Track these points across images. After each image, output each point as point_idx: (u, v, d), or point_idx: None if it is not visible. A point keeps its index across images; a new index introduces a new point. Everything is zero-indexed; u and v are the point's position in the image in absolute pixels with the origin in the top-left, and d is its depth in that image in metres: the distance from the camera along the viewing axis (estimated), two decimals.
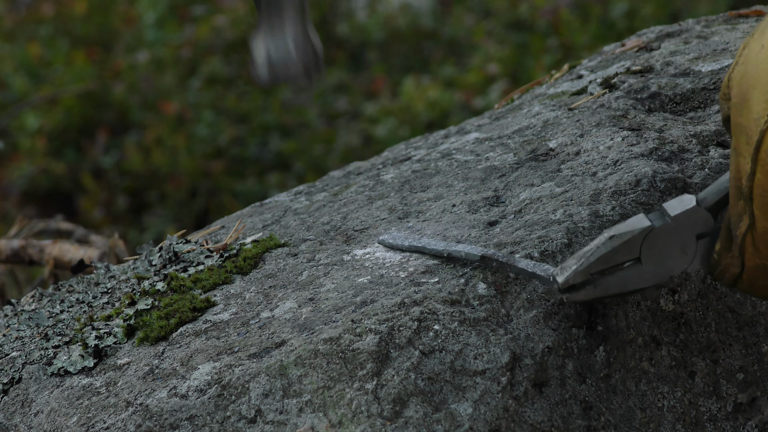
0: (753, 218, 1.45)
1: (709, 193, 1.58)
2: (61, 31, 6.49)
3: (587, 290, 1.58)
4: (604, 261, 1.57)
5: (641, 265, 1.58)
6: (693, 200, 1.58)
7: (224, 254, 1.90)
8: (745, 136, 1.41)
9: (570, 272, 1.58)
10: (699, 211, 1.58)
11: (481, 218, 1.83)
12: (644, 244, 1.57)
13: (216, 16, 6.34)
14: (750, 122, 1.40)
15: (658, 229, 1.57)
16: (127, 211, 5.47)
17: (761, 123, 1.39)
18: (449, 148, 2.14)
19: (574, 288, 1.59)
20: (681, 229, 1.58)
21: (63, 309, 1.91)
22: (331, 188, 2.14)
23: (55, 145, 5.75)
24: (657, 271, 1.58)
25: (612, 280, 1.58)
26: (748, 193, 1.44)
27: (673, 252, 1.58)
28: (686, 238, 1.58)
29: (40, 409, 1.71)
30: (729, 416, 1.71)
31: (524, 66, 5.55)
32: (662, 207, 1.59)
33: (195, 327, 1.75)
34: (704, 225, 1.58)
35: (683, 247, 1.59)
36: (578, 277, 1.58)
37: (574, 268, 1.58)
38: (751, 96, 1.41)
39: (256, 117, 5.65)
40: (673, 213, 1.57)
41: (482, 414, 1.56)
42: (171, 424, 1.59)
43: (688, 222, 1.57)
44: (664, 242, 1.57)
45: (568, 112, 2.12)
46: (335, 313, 1.67)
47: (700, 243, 1.59)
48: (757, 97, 1.39)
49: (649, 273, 1.58)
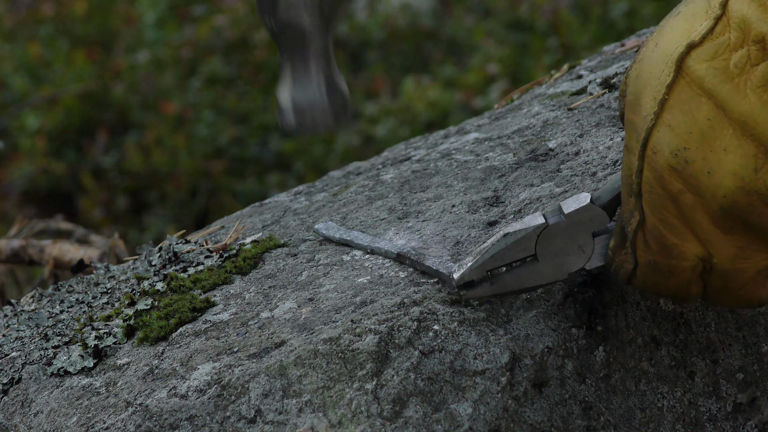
0: (642, 214, 1.46)
1: (603, 192, 1.59)
2: (61, 31, 6.49)
3: (484, 287, 1.60)
4: (499, 258, 1.58)
5: (537, 262, 1.59)
6: (588, 198, 1.59)
7: (224, 254, 1.90)
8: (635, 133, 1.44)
9: (465, 269, 1.60)
10: (593, 209, 1.58)
11: (480, 218, 1.83)
12: (539, 241, 1.58)
13: (216, 16, 6.34)
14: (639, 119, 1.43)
15: (552, 226, 1.58)
16: (127, 211, 5.47)
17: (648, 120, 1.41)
18: (449, 148, 2.14)
19: (472, 285, 1.60)
20: (576, 227, 1.58)
21: (63, 309, 1.91)
22: (331, 188, 2.14)
23: (55, 145, 5.75)
24: (554, 268, 1.59)
25: (509, 277, 1.59)
26: (637, 189, 1.46)
27: (569, 249, 1.58)
28: (582, 235, 1.59)
29: (39, 409, 1.71)
30: (729, 416, 1.71)
31: (524, 66, 5.55)
32: (559, 205, 1.60)
33: (195, 327, 1.75)
34: (599, 222, 1.59)
35: (580, 245, 1.59)
36: (473, 273, 1.60)
37: (469, 266, 1.60)
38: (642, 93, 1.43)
39: (256, 117, 5.65)
40: (567, 210, 1.58)
41: (482, 414, 1.56)
42: (171, 424, 1.59)
43: (583, 220, 1.58)
44: (560, 240, 1.58)
45: (567, 112, 2.12)
46: (335, 314, 1.67)
47: (596, 240, 1.60)
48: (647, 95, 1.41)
49: (547, 270, 1.59)
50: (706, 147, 1.36)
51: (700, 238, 1.42)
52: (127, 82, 5.94)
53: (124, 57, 6.17)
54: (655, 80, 1.41)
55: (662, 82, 1.40)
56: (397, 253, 1.71)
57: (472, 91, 5.55)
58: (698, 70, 1.36)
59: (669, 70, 1.39)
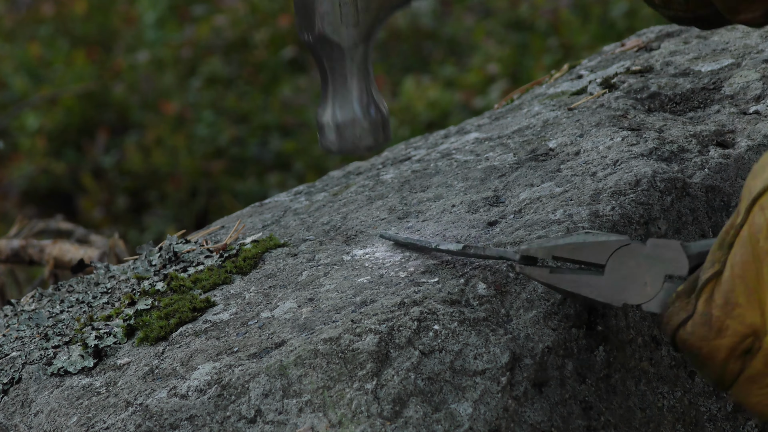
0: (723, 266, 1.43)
1: (695, 244, 1.53)
2: (61, 31, 6.49)
3: (542, 271, 1.55)
4: (570, 250, 1.54)
5: (602, 275, 1.53)
6: (678, 243, 1.53)
7: (224, 254, 1.90)
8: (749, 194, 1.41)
9: (534, 244, 1.57)
10: (678, 251, 1.53)
11: (480, 218, 1.83)
12: (613, 255, 1.52)
13: (216, 16, 6.34)
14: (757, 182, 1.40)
15: (632, 246, 1.52)
16: (127, 211, 5.47)
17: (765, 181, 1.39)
18: (449, 148, 2.14)
19: (533, 262, 1.57)
20: (653, 260, 1.52)
21: (63, 309, 1.91)
22: (331, 188, 2.14)
23: (55, 145, 5.75)
24: (613, 289, 1.53)
25: (569, 275, 1.54)
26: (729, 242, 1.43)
27: (637, 279, 1.52)
28: (656, 272, 1.53)
29: (40, 409, 1.71)
30: (729, 416, 1.71)
31: (524, 66, 5.55)
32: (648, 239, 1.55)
33: (195, 327, 1.75)
34: (677, 267, 1.52)
35: (649, 280, 1.53)
36: (539, 251, 1.55)
37: (539, 242, 1.56)
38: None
39: (256, 117, 5.65)
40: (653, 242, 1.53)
41: (482, 414, 1.56)
42: (171, 424, 1.59)
43: (664, 256, 1.52)
44: (633, 264, 1.52)
45: (567, 112, 2.12)
46: (335, 313, 1.67)
47: (665, 285, 1.53)
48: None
49: (606, 287, 1.53)
50: None
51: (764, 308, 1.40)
52: (127, 82, 5.94)
53: (124, 57, 6.17)
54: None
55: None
56: (464, 246, 1.68)
57: (472, 91, 5.55)
58: None
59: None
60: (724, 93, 2.09)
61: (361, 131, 1.71)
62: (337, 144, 1.72)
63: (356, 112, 1.71)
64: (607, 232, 1.56)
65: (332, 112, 1.71)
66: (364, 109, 1.71)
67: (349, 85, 1.70)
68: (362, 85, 1.71)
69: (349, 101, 1.71)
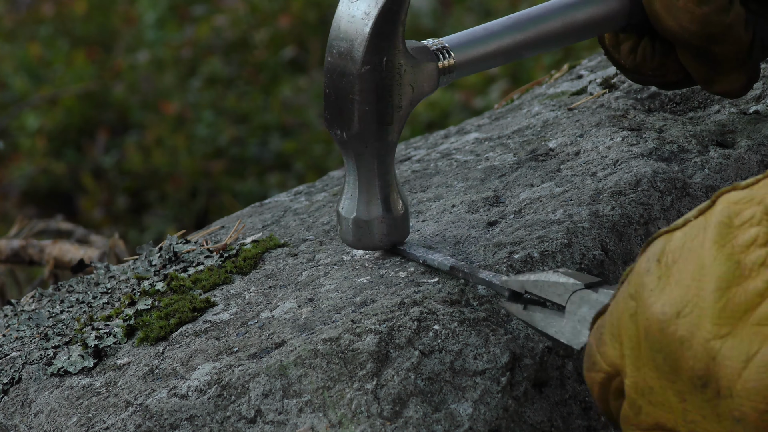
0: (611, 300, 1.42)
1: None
2: (61, 31, 6.49)
3: (517, 307, 1.55)
4: (538, 287, 1.53)
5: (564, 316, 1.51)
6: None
7: (224, 254, 1.90)
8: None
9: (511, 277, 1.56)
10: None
11: (480, 218, 1.83)
12: (571, 298, 1.50)
13: (216, 16, 6.34)
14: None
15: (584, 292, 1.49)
16: (127, 211, 5.47)
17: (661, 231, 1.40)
18: (449, 148, 2.14)
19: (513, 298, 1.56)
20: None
21: (63, 309, 1.91)
22: (331, 188, 2.14)
23: (55, 145, 5.75)
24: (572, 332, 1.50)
25: (539, 313, 1.53)
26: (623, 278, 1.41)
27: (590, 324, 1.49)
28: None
29: (40, 409, 1.71)
30: None
31: (524, 66, 5.55)
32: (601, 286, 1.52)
33: (195, 327, 1.75)
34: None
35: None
36: (514, 284, 1.55)
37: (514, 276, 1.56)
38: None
39: (256, 117, 5.65)
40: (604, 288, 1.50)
41: (482, 414, 1.56)
42: (171, 424, 1.59)
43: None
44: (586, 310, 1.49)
45: (567, 112, 2.12)
46: (335, 313, 1.67)
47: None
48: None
49: (566, 329, 1.51)
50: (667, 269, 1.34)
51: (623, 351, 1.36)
52: (127, 82, 5.94)
53: (124, 57, 6.17)
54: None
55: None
56: (450, 267, 1.68)
57: (472, 91, 5.55)
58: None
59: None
60: None
61: (386, 228, 1.73)
62: (362, 241, 1.74)
63: (381, 210, 1.72)
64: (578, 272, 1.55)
65: (357, 208, 1.72)
66: (389, 206, 1.72)
67: (376, 182, 1.72)
68: (388, 181, 1.72)
69: (376, 199, 1.72)
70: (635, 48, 1.90)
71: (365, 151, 1.69)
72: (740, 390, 1.26)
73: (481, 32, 1.79)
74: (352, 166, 1.71)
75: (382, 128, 1.68)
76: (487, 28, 1.80)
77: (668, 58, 1.88)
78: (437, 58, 1.72)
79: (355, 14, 1.66)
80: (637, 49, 1.90)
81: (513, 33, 1.80)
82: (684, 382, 1.30)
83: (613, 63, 1.93)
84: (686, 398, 1.31)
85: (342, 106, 1.68)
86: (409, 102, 1.69)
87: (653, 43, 1.89)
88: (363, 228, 1.73)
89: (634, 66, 1.91)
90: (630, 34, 1.89)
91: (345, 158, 1.72)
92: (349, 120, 1.68)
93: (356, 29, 1.66)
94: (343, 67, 1.67)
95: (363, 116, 1.67)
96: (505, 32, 1.80)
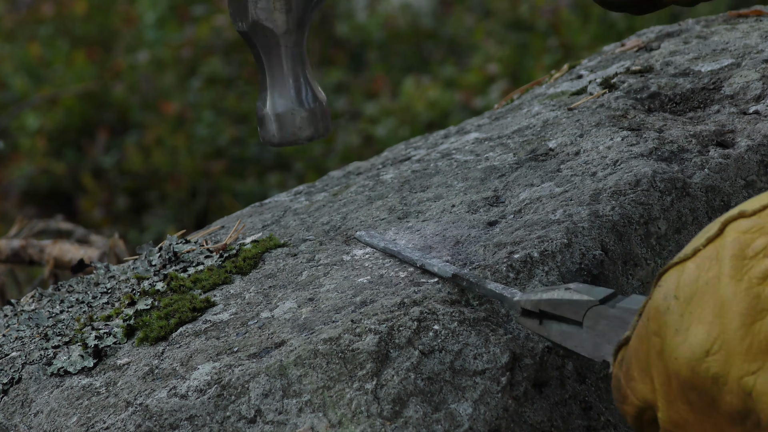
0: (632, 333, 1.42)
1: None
2: (61, 31, 6.49)
3: (533, 322, 1.54)
4: (553, 305, 1.53)
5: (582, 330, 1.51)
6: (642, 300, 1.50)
7: (224, 254, 1.90)
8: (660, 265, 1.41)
9: (524, 296, 1.56)
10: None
11: (480, 218, 1.83)
12: (587, 314, 1.50)
13: (216, 16, 6.34)
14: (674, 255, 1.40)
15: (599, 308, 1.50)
16: (127, 211, 5.47)
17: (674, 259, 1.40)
18: (449, 148, 2.14)
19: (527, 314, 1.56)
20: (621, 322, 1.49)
21: (63, 309, 1.91)
22: (331, 188, 2.14)
23: (55, 145, 5.75)
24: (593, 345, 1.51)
25: (556, 328, 1.53)
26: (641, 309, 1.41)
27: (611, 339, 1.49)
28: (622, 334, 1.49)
29: (39, 409, 1.71)
30: None
31: (524, 66, 5.55)
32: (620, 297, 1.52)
33: (195, 327, 1.75)
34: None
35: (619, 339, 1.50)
36: (527, 303, 1.55)
37: (528, 295, 1.55)
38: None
39: (256, 117, 5.65)
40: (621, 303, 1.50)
41: (482, 414, 1.56)
42: (171, 424, 1.59)
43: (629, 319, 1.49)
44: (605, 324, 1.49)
45: (567, 112, 2.12)
46: (335, 313, 1.67)
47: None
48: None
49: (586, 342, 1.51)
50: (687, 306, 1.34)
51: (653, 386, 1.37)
52: (127, 82, 5.94)
53: (124, 57, 6.18)
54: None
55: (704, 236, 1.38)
56: (453, 274, 1.67)
57: (472, 91, 5.55)
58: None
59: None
60: (724, 93, 2.09)
61: (300, 121, 1.69)
62: (277, 136, 1.70)
63: (294, 102, 1.69)
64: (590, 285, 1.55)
65: (270, 102, 1.69)
66: (301, 98, 1.69)
67: (285, 74, 1.69)
68: (298, 73, 1.69)
69: (287, 91, 1.69)
70: None
71: (269, 43, 1.68)
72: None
73: None
74: (260, 59, 1.69)
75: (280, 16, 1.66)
76: None
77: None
78: None
79: None
80: None
81: None
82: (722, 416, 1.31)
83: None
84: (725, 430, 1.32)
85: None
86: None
87: None
88: (278, 122, 1.69)
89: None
90: None
91: (252, 52, 1.69)
92: (245, 9, 1.66)
93: None
94: None
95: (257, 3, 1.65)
96: None
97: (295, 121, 1.70)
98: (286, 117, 1.70)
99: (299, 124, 1.70)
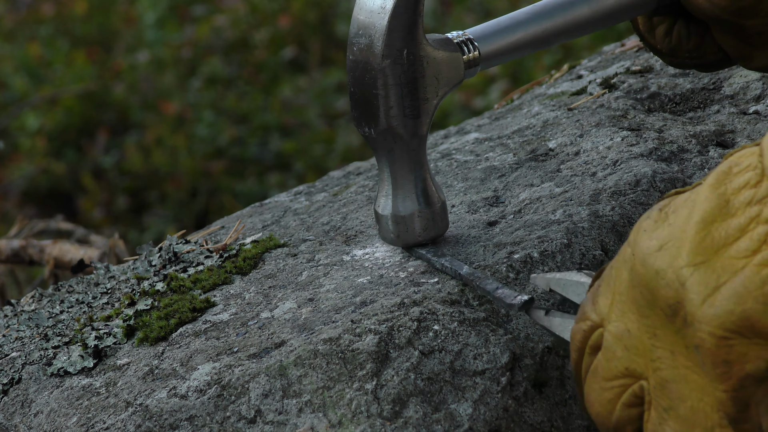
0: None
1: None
2: (61, 31, 6.49)
3: (538, 313, 1.55)
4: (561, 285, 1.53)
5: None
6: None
7: (224, 254, 1.90)
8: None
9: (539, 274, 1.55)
10: None
11: (480, 218, 1.83)
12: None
13: (216, 16, 6.34)
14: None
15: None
16: (127, 211, 5.47)
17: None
18: (449, 148, 2.14)
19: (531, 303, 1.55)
20: None
21: (63, 309, 1.91)
22: (331, 188, 2.14)
23: (55, 145, 5.75)
24: None
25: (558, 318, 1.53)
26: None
27: None
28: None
29: (39, 409, 1.71)
30: None
31: (524, 66, 5.55)
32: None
33: (195, 327, 1.75)
34: None
35: None
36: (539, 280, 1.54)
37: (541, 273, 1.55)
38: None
39: (256, 117, 5.65)
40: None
41: (482, 414, 1.56)
42: (171, 425, 1.59)
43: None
44: None
45: (567, 112, 2.12)
46: (335, 314, 1.67)
47: None
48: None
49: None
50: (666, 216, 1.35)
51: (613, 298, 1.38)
52: (127, 82, 5.94)
53: (124, 57, 6.18)
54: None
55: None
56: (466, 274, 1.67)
57: (472, 91, 5.55)
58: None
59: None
60: (724, 93, 2.09)
61: (425, 223, 1.72)
62: (402, 237, 1.73)
63: (418, 205, 1.72)
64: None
65: (393, 204, 1.72)
66: (425, 200, 1.72)
67: (409, 177, 1.71)
68: (421, 176, 1.72)
69: (411, 193, 1.71)
70: (670, 31, 1.86)
71: (395, 147, 1.69)
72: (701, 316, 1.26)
73: (507, 22, 1.78)
74: (384, 163, 1.71)
75: (410, 122, 1.68)
76: (512, 18, 1.79)
77: (704, 38, 1.85)
78: (461, 50, 1.71)
79: (372, 8, 1.66)
80: (672, 32, 1.86)
81: (540, 21, 1.78)
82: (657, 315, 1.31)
83: (650, 48, 1.89)
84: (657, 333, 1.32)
85: (367, 103, 1.67)
86: (435, 94, 1.68)
87: (688, 25, 1.85)
88: (401, 224, 1.72)
89: (671, 49, 1.87)
90: (663, 17, 1.86)
91: (377, 156, 1.72)
92: (375, 116, 1.67)
93: (374, 23, 1.65)
94: (365, 63, 1.66)
95: (388, 111, 1.67)
96: (531, 20, 1.78)
97: (419, 223, 1.73)
98: (411, 219, 1.72)
99: (424, 225, 1.73)
